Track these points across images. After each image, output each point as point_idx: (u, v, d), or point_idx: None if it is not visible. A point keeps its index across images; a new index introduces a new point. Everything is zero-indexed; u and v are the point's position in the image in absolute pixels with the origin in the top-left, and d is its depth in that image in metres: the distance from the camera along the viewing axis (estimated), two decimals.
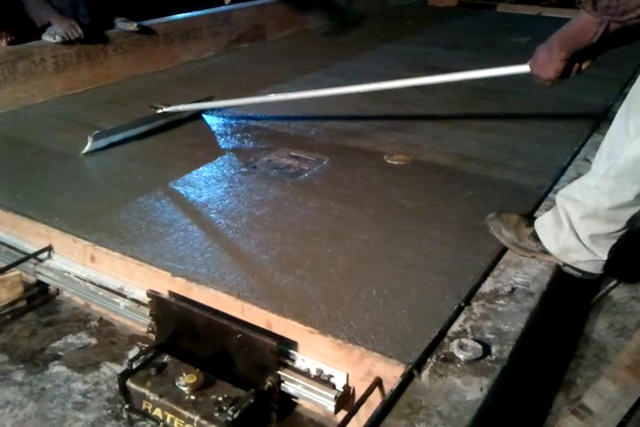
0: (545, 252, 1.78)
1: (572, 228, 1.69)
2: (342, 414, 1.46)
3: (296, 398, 1.60)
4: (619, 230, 1.66)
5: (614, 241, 1.68)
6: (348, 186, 2.33)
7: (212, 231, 1.99)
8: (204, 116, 3.05)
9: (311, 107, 3.07)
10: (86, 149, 2.57)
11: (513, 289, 1.68)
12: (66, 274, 1.95)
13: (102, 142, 2.62)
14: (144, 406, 1.53)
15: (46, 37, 3.30)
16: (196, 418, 1.45)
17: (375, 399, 1.40)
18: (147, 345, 1.72)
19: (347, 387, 1.50)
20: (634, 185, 1.56)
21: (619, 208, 1.61)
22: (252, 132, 2.87)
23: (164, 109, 2.83)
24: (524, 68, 1.74)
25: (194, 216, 2.09)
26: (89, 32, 3.40)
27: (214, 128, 2.94)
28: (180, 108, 2.84)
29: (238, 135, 2.84)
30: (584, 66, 1.63)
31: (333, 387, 1.50)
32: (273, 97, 2.76)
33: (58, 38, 3.28)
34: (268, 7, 4.88)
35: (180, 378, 1.52)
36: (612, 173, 1.57)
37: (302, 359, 1.55)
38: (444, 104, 3.21)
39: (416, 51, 4.52)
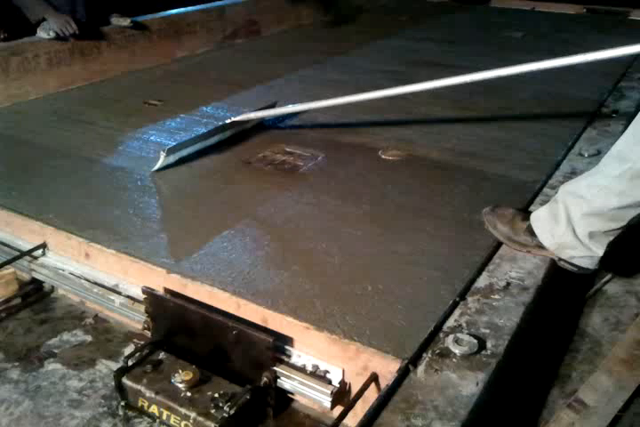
0: (540, 246, 1.78)
1: (571, 223, 1.69)
2: (338, 409, 1.46)
3: (292, 393, 1.60)
4: (619, 228, 1.66)
5: (611, 238, 1.69)
6: (342, 181, 2.32)
7: (207, 227, 1.99)
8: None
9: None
10: (158, 165, 2.36)
11: (508, 284, 1.68)
12: (60, 271, 1.94)
13: (172, 158, 2.41)
14: (140, 403, 1.53)
15: (40, 33, 3.28)
16: (193, 415, 1.45)
17: (371, 395, 1.40)
18: (142, 342, 1.71)
19: (343, 382, 1.50)
20: None
21: (625, 208, 1.62)
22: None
23: (233, 119, 2.64)
24: None
25: (188, 212, 2.08)
26: (84, 29, 3.38)
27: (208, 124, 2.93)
28: (252, 115, 2.69)
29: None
30: None
31: (329, 383, 1.50)
32: (339, 100, 2.49)
33: (52, 34, 3.26)
34: (263, 2, 4.86)
35: (176, 375, 1.52)
36: (627, 175, 1.58)
37: (298, 355, 1.55)
38: (439, 99, 3.20)
39: (411, 46, 4.51)
